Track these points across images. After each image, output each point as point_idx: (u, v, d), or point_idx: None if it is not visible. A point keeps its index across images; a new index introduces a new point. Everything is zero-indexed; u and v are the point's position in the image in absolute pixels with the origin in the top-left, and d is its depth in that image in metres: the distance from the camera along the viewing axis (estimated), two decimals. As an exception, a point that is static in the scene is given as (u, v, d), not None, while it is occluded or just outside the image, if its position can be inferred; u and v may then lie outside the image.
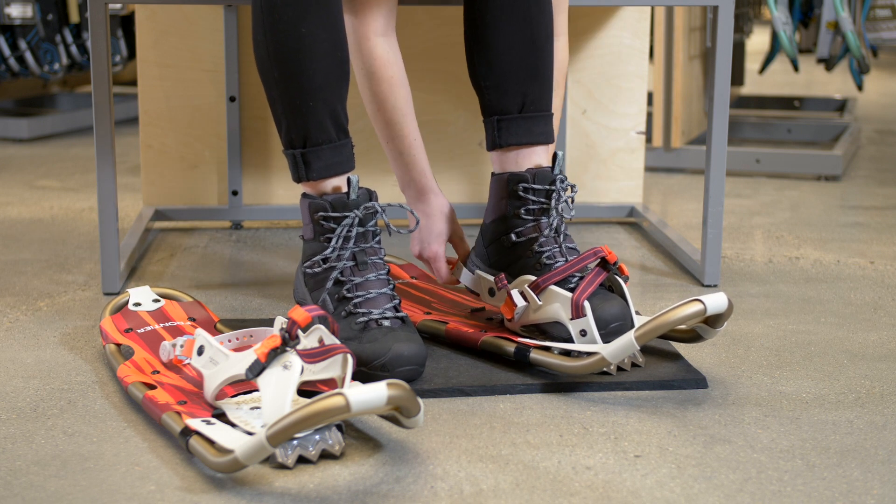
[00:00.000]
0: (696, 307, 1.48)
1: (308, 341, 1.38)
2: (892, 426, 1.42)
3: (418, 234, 1.78)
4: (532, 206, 1.69)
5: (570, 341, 1.59)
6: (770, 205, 2.86)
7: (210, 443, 1.29)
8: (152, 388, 1.46)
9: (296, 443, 1.28)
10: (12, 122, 3.80)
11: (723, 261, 2.25)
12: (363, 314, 1.56)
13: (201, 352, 1.43)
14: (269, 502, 1.20)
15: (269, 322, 1.76)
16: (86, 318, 1.85)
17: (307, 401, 1.22)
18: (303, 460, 1.29)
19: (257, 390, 1.44)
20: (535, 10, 1.71)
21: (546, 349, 1.59)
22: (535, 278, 1.64)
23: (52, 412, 1.45)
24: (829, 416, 1.45)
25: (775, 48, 3.81)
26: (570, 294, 1.59)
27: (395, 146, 1.76)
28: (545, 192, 1.69)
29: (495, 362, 1.61)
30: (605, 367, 1.51)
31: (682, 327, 1.62)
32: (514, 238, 1.71)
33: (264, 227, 2.54)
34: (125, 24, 4.26)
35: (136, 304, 1.72)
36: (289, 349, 1.33)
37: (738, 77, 4.34)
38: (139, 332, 1.65)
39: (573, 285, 1.64)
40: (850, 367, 1.64)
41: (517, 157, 1.73)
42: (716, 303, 1.50)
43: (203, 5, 2.43)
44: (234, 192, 2.49)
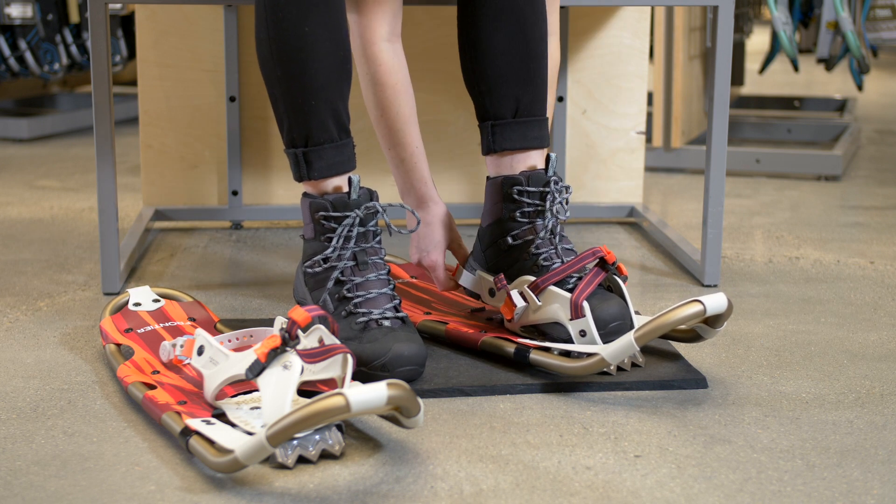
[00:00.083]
0: (696, 308, 1.48)
1: (308, 341, 1.38)
2: (892, 426, 1.42)
3: (417, 242, 1.78)
4: (527, 209, 1.69)
5: (569, 342, 1.59)
6: (770, 205, 2.86)
7: (210, 443, 1.29)
8: (152, 388, 1.46)
9: (296, 443, 1.28)
10: (12, 122, 3.80)
11: (723, 261, 2.25)
12: (363, 314, 1.56)
13: (201, 352, 1.43)
14: (269, 502, 1.20)
15: (269, 322, 1.76)
16: (86, 318, 1.85)
17: (307, 401, 1.22)
18: (303, 460, 1.29)
19: (257, 390, 1.44)
20: (528, 12, 1.70)
21: (546, 350, 1.59)
22: (534, 279, 1.64)
23: (52, 412, 1.45)
24: (829, 416, 1.45)
25: (775, 48, 3.81)
26: (569, 295, 1.59)
27: (397, 153, 1.75)
28: (539, 195, 1.69)
29: (495, 362, 1.61)
30: (604, 368, 1.51)
31: (682, 327, 1.62)
32: (510, 241, 1.70)
33: (264, 227, 2.54)
34: (125, 24, 4.26)
35: (136, 304, 1.72)
36: (289, 349, 1.33)
37: (738, 77, 4.34)
38: (139, 332, 1.65)
39: (571, 286, 1.64)
40: (850, 367, 1.64)
41: (512, 162, 1.72)
42: (715, 303, 1.49)
43: (203, 5, 2.43)
44: (234, 192, 2.49)
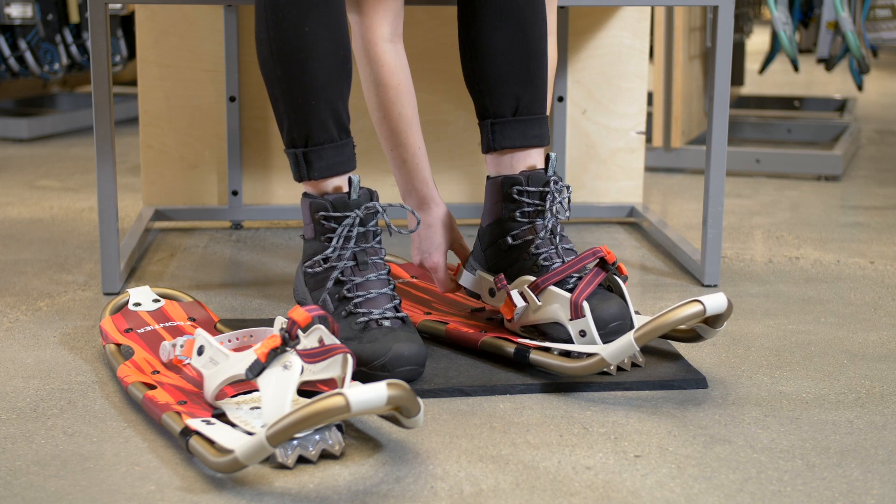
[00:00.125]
0: (696, 308, 1.48)
1: (308, 341, 1.38)
2: (892, 426, 1.42)
3: (419, 244, 1.78)
4: (527, 209, 1.69)
5: (569, 342, 1.59)
6: (770, 205, 2.86)
7: (210, 443, 1.28)
8: (152, 388, 1.46)
9: (296, 443, 1.28)
10: (12, 122, 3.80)
11: (723, 261, 2.25)
12: (363, 314, 1.56)
13: (201, 352, 1.43)
14: (269, 502, 1.20)
15: (269, 322, 1.76)
16: (86, 318, 1.85)
17: (307, 401, 1.22)
18: (303, 460, 1.29)
19: (257, 390, 1.44)
20: (528, 12, 1.70)
21: (546, 350, 1.59)
22: (534, 279, 1.64)
23: (52, 412, 1.45)
24: (829, 416, 1.45)
25: (775, 48, 3.81)
26: (569, 295, 1.59)
27: (399, 154, 1.75)
28: (539, 195, 1.69)
29: (495, 362, 1.61)
30: (604, 368, 1.51)
31: (682, 327, 1.62)
32: (510, 241, 1.70)
33: (264, 227, 2.54)
34: (125, 24, 4.26)
35: (136, 304, 1.72)
36: (289, 349, 1.33)
37: (738, 77, 4.34)
38: (139, 332, 1.65)
39: (571, 286, 1.64)
40: (850, 367, 1.64)
41: (512, 161, 1.72)
42: (715, 303, 1.49)
43: (203, 5, 2.43)
44: (234, 192, 2.49)
